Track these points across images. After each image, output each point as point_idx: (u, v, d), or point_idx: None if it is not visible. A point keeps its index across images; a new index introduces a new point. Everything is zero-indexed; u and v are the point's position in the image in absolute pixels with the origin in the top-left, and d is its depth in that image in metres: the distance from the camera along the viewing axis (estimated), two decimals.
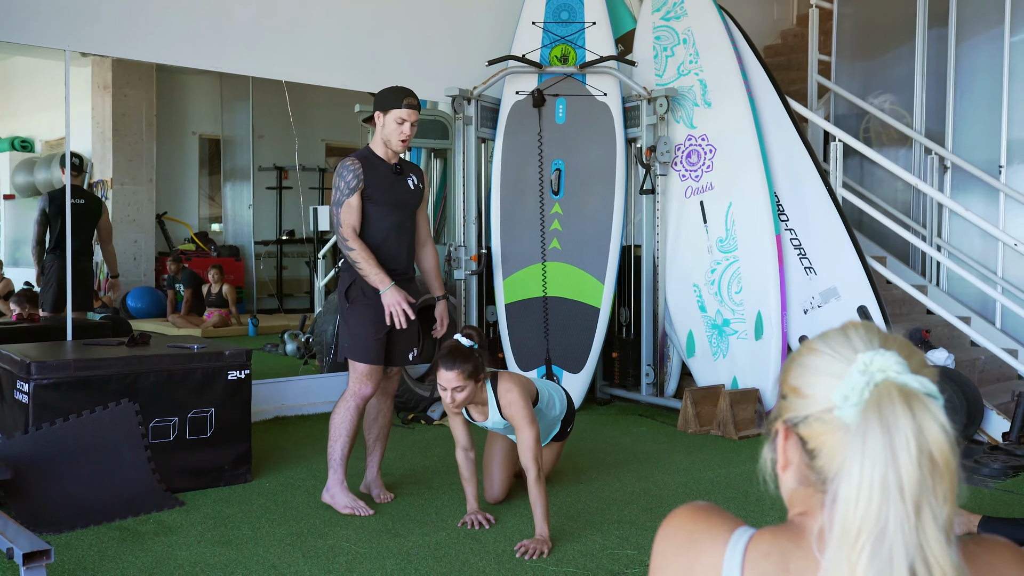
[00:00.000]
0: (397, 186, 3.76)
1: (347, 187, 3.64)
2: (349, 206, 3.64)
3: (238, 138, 7.79)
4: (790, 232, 5.58)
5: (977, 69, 6.54)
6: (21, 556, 2.42)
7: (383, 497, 3.85)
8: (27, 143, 6.77)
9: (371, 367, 3.69)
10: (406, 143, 3.72)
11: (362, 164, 3.68)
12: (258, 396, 4.90)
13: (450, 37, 6.20)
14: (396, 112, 3.66)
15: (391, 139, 3.69)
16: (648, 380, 5.94)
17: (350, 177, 3.64)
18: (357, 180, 3.65)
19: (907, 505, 0.87)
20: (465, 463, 3.59)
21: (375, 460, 3.90)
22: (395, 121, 3.66)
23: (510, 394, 3.43)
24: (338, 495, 3.68)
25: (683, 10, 5.98)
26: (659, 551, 1.08)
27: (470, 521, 3.50)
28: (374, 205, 3.68)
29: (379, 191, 3.69)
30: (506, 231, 5.86)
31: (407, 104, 3.67)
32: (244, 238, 7.87)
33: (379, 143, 3.75)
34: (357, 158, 3.70)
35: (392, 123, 3.67)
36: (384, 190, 3.71)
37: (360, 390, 3.69)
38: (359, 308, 3.68)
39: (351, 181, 3.64)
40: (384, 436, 3.92)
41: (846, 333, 1.00)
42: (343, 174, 3.66)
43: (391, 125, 3.68)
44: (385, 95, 3.73)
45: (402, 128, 3.67)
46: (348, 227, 3.63)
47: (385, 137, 3.70)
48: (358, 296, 3.68)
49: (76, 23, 4.81)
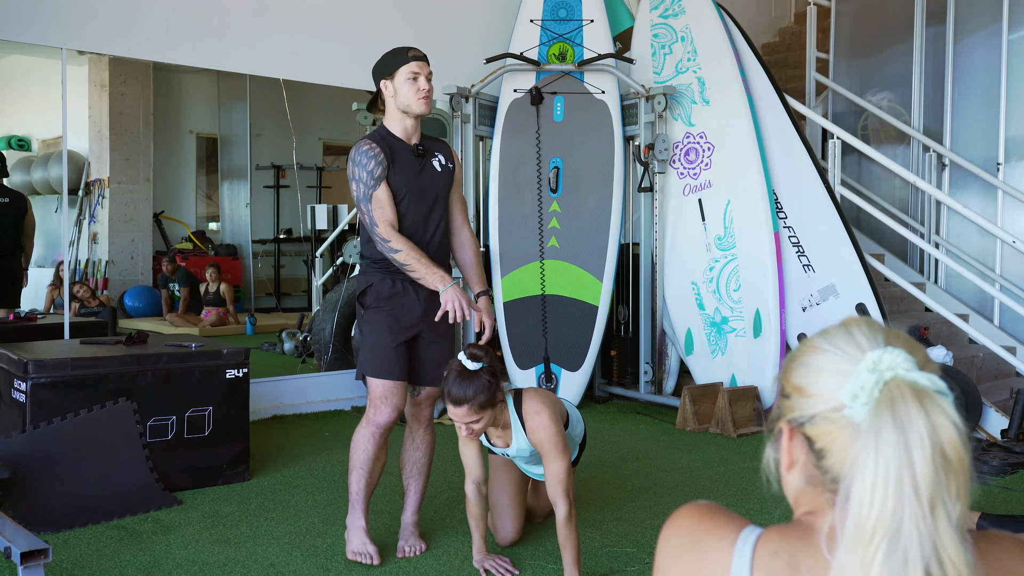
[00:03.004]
0: (421, 171, 3.16)
1: (371, 178, 3.03)
2: (379, 200, 3.04)
3: (235, 137, 7.77)
4: (788, 230, 5.58)
5: (975, 66, 6.54)
6: (19, 555, 2.41)
7: (408, 550, 3.20)
8: (23, 142, 6.75)
9: (388, 385, 3.08)
10: (428, 100, 3.10)
11: (380, 147, 3.07)
12: (256, 395, 4.90)
13: (448, 35, 6.19)
14: (405, 68, 3.07)
15: (410, 103, 3.08)
16: (646, 378, 5.94)
17: (372, 165, 3.03)
18: (381, 167, 3.04)
19: (922, 503, 0.86)
20: (476, 499, 3.03)
21: (410, 500, 3.28)
22: (407, 78, 3.07)
23: (539, 416, 2.89)
24: (351, 536, 3.17)
25: (681, 8, 5.97)
26: (663, 551, 1.07)
27: (482, 569, 3.04)
28: (396, 196, 3.09)
29: (402, 179, 3.09)
30: (504, 229, 5.85)
31: (413, 56, 3.10)
32: (242, 237, 7.85)
33: (395, 119, 3.14)
34: (373, 140, 3.09)
35: (404, 84, 3.07)
36: (407, 177, 3.11)
37: (375, 417, 3.09)
38: (373, 315, 3.13)
39: (374, 170, 3.03)
40: (421, 473, 3.29)
41: (849, 330, 0.99)
42: (362, 162, 3.04)
43: (404, 87, 3.08)
44: (385, 58, 3.14)
45: (418, 84, 3.07)
46: (386, 224, 3.03)
47: (403, 105, 3.09)
48: (373, 302, 3.13)
49: (73, 21, 4.80)
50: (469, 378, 2.75)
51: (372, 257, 3.15)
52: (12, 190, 6.28)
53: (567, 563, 2.82)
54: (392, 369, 3.08)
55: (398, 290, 3.12)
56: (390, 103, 3.13)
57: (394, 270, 3.10)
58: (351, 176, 3.07)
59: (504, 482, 3.28)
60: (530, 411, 2.91)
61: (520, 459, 3.14)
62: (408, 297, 3.13)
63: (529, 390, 3.01)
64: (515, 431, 2.95)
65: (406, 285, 3.12)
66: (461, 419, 2.79)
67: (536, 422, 2.89)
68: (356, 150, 3.06)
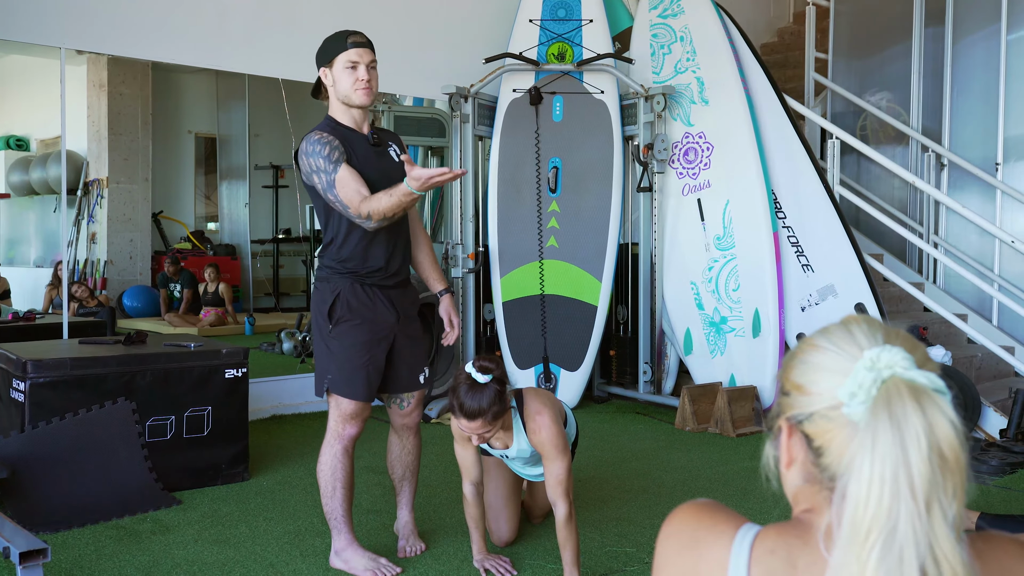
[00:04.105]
0: (380, 161, 2.96)
1: (328, 162, 2.80)
2: (343, 180, 2.78)
3: (234, 137, 7.78)
4: (787, 230, 5.58)
5: (974, 66, 6.54)
6: (18, 555, 2.41)
7: (409, 550, 3.16)
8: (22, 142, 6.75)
9: (357, 405, 2.97)
10: (369, 92, 2.90)
11: (331, 135, 2.87)
12: (255, 395, 4.89)
13: (447, 35, 6.19)
14: (343, 56, 2.87)
15: (348, 94, 2.89)
16: (646, 378, 5.94)
17: (327, 151, 2.81)
18: (337, 150, 2.82)
19: (918, 503, 0.86)
20: (474, 501, 3.00)
21: (405, 501, 3.24)
22: (345, 67, 2.87)
23: (541, 417, 2.87)
24: (352, 558, 3.01)
25: (680, 8, 5.97)
26: (662, 549, 1.07)
27: (482, 569, 3.02)
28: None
29: (361, 168, 2.87)
30: (503, 229, 5.85)
31: (353, 43, 2.88)
32: (240, 237, 7.86)
33: (339, 108, 2.94)
34: (323, 130, 2.89)
35: (343, 73, 2.88)
36: (367, 167, 2.89)
37: (344, 431, 2.99)
38: (345, 329, 2.93)
39: (331, 154, 2.81)
40: (412, 474, 3.23)
41: (848, 328, 0.99)
42: (314, 151, 2.81)
43: (342, 76, 2.88)
44: (325, 45, 2.95)
45: (356, 73, 2.87)
46: (359, 198, 2.76)
47: (341, 95, 2.91)
48: (344, 314, 2.93)
49: (72, 21, 4.79)
50: (480, 390, 2.70)
51: (337, 260, 2.96)
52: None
53: (567, 563, 2.81)
54: (365, 390, 2.96)
55: (369, 298, 2.97)
56: (330, 92, 2.95)
57: (362, 275, 2.96)
58: (309, 170, 2.83)
59: (498, 483, 3.26)
60: (531, 411, 2.89)
61: (518, 460, 3.11)
62: (379, 304, 2.99)
63: (529, 390, 3.00)
64: (516, 432, 2.93)
65: (375, 291, 2.98)
66: (474, 431, 2.74)
67: (537, 422, 2.87)
68: (306, 143, 2.86)
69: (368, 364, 2.96)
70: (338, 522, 3.02)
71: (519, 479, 3.32)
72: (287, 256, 7.91)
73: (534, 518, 3.51)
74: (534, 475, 3.25)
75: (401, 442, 3.20)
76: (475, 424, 2.72)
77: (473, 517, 3.03)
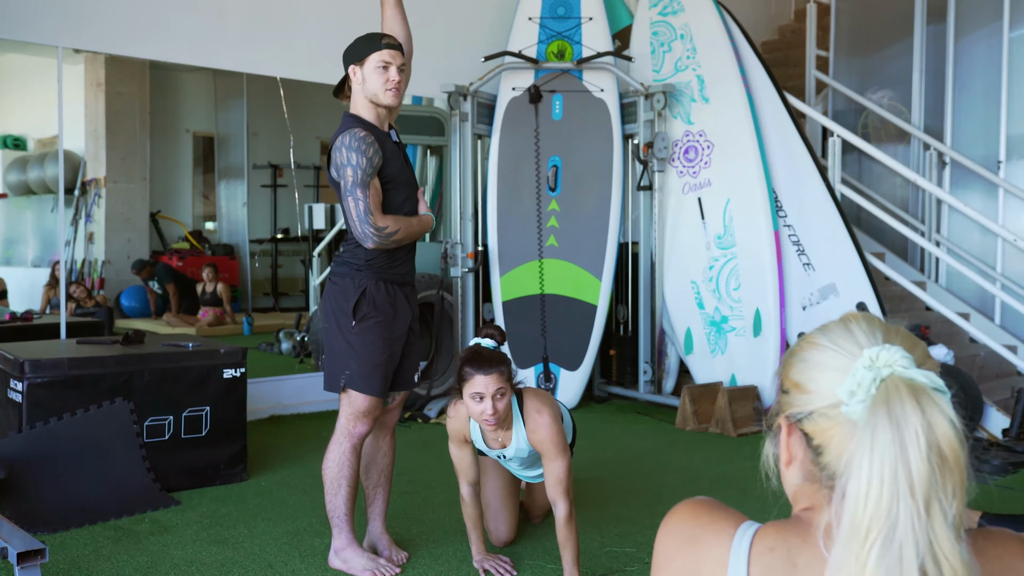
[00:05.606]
0: (403, 160, 3.05)
1: (369, 165, 2.84)
2: (375, 188, 2.87)
3: (232, 136, 7.76)
4: (788, 228, 5.57)
5: (976, 64, 6.52)
6: (15, 556, 2.40)
7: (396, 559, 3.11)
8: (19, 141, 6.73)
9: (372, 401, 2.99)
10: (397, 94, 2.96)
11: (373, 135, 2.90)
12: (253, 395, 4.88)
13: (446, 33, 6.17)
14: (376, 55, 2.92)
15: (378, 93, 2.93)
16: (646, 378, 5.92)
17: (371, 152, 2.84)
18: (379, 157, 2.87)
19: (917, 502, 0.86)
20: (472, 502, 2.99)
21: (378, 511, 3.18)
22: (377, 66, 2.92)
23: (541, 416, 2.85)
24: (352, 558, 3.00)
25: (680, 6, 5.96)
26: (662, 547, 1.07)
27: (482, 569, 3.00)
28: (391, 190, 2.95)
29: (392, 170, 2.94)
30: (503, 228, 5.84)
31: (387, 44, 2.94)
32: (239, 236, 7.84)
33: (364, 107, 2.97)
34: (359, 127, 2.90)
35: (374, 72, 2.92)
36: (396, 168, 2.96)
37: (355, 428, 2.99)
38: (369, 326, 2.94)
39: (373, 157, 2.85)
40: (387, 480, 3.19)
41: (848, 326, 0.99)
42: (360, 148, 2.83)
43: (373, 75, 2.92)
44: (357, 44, 2.98)
45: (387, 74, 2.92)
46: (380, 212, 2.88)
47: (370, 94, 2.94)
48: (369, 311, 2.94)
49: (69, 19, 4.78)
50: (491, 351, 2.80)
51: (364, 258, 2.96)
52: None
53: (567, 563, 2.79)
54: (383, 386, 2.99)
55: (392, 296, 3.00)
56: (357, 90, 2.98)
57: (388, 274, 2.99)
58: (343, 162, 2.84)
59: (495, 483, 3.25)
60: (531, 410, 2.88)
61: (516, 461, 3.08)
62: (400, 302, 3.03)
63: (529, 389, 2.98)
64: (516, 430, 2.91)
65: (396, 289, 3.02)
66: (489, 388, 2.72)
67: (537, 421, 2.86)
68: (351, 135, 2.85)
69: (388, 361, 3.00)
70: (340, 520, 3.02)
71: (516, 479, 3.31)
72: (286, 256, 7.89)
73: (533, 518, 3.50)
74: (531, 477, 3.24)
75: (376, 443, 3.16)
76: (492, 377, 2.73)
77: (471, 518, 3.02)
